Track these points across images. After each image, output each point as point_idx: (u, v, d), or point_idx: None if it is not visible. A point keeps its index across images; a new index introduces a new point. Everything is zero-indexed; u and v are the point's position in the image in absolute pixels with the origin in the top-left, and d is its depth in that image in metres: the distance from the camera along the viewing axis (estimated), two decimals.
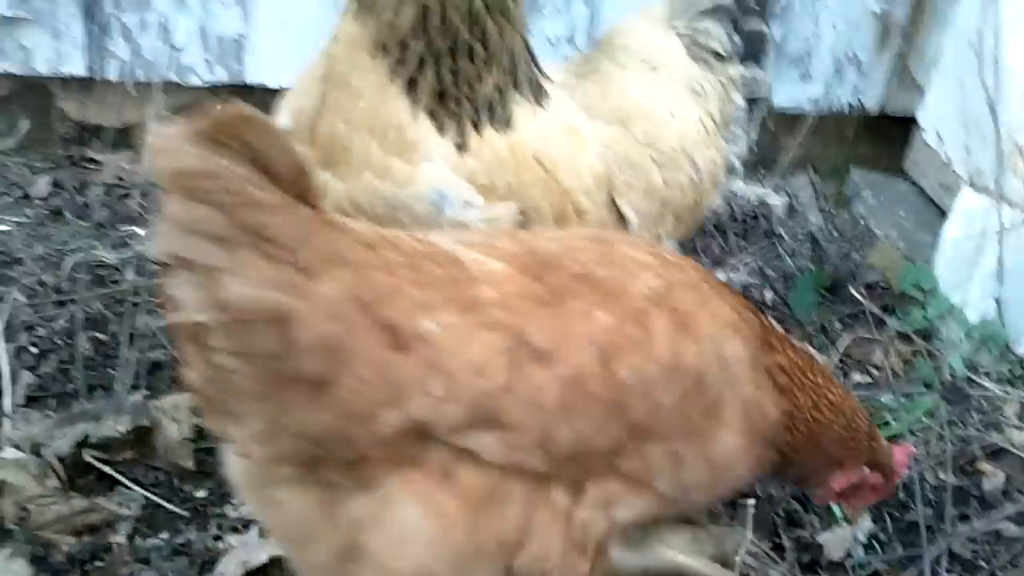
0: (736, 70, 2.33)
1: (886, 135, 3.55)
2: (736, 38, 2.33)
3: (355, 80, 2.02)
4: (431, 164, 2.02)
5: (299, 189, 1.35)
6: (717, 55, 2.32)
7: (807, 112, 3.34)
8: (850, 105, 3.50)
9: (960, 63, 3.11)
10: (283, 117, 2.19)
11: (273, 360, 1.36)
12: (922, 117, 3.34)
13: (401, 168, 2.02)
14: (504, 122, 2.06)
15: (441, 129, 2.01)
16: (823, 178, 3.54)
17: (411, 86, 1.99)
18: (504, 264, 1.52)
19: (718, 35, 2.32)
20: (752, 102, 2.36)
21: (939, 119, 3.26)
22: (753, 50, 2.34)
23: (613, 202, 2.19)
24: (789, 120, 3.35)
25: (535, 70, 2.13)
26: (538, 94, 2.12)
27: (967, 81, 3.07)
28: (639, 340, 1.53)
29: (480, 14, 1.98)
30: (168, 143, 1.29)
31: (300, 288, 1.35)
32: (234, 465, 1.54)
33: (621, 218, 2.21)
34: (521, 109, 2.08)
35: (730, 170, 2.36)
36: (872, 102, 3.52)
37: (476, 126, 2.03)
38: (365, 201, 2.05)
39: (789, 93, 3.38)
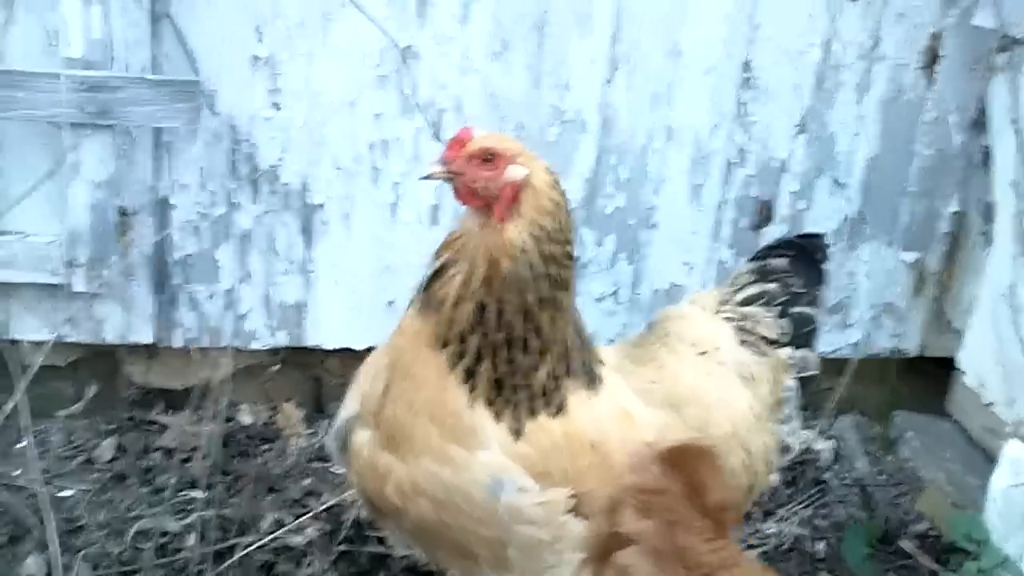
0: (785, 352, 2.42)
1: (927, 377, 3.60)
2: (784, 322, 2.43)
3: (418, 370, 2.14)
4: (487, 451, 2.10)
5: (721, 522, 1.55)
6: (766, 340, 2.41)
7: (848, 357, 3.41)
8: (890, 350, 3.57)
9: (995, 312, 3.20)
10: (352, 401, 2.31)
11: None
12: (962, 360, 3.40)
13: (459, 454, 2.11)
14: (558, 408, 2.15)
15: (498, 416, 2.11)
16: (867, 421, 3.58)
17: (469, 376, 2.10)
18: None
19: (765, 320, 2.43)
20: (803, 381, 2.43)
21: (979, 363, 3.32)
22: (801, 332, 2.44)
23: None
24: (831, 365, 3.40)
25: (588, 356, 2.23)
26: (592, 379, 2.21)
27: (1003, 331, 3.15)
28: None
29: (533, 309, 2.10)
30: (639, 462, 1.55)
31: None
32: None
33: None
34: (575, 395, 2.18)
35: (784, 450, 2.41)
36: (911, 345, 3.59)
37: (532, 412, 2.12)
38: (425, 484, 2.14)
39: (829, 339, 3.46)
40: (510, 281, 2.08)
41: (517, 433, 2.12)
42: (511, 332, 2.10)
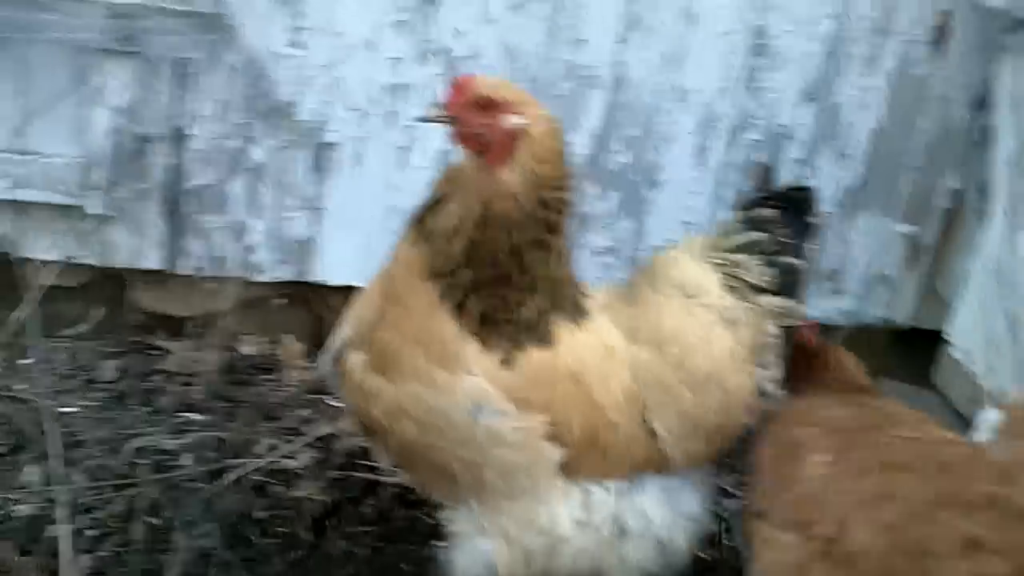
0: (769, 300, 2.46)
1: (916, 348, 3.66)
2: (770, 270, 2.47)
3: (409, 299, 2.23)
4: (471, 376, 2.19)
5: None
6: (751, 286, 2.47)
7: (839, 324, 3.47)
8: (880, 319, 3.64)
9: (985, 286, 3.26)
10: (348, 325, 2.39)
11: None
12: (950, 333, 3.47)
13: (442, 378, 2.20)
14: (544, 340, 2.23)
15: (486, 345, 2.19)
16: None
17: (459, 309, 2.18)
18: None
19: (752, 268, 2.47)
20: (786, 329, 2.49)
21: (966, 336, 3.39)
22: (787, 282, 2.48)
23: (645, 420, 2.34)
24: (821, 331, 3.47)
25: (576, 293, 2.31)
26: (579, 314, 2.30)
27: (990, 305, 3.22)
28: None
29: (523, 250, 2.19)
30: None
31: None
32: None
33: (653, 435, 2.35)
34: (561, 328, 2.26)
35: (763, 394, 2.48)
36: (901, 316, 3.65)
37: (518, 345, 2.21)
38: (409, 406, 2.24)
39: (822, 306, 3.52)
40: (502, 223, 2.15)
41: (504, 363, 2.20)
42: (500, 270, 2.18)
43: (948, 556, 1.98)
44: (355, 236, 3.27)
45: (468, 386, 2.19)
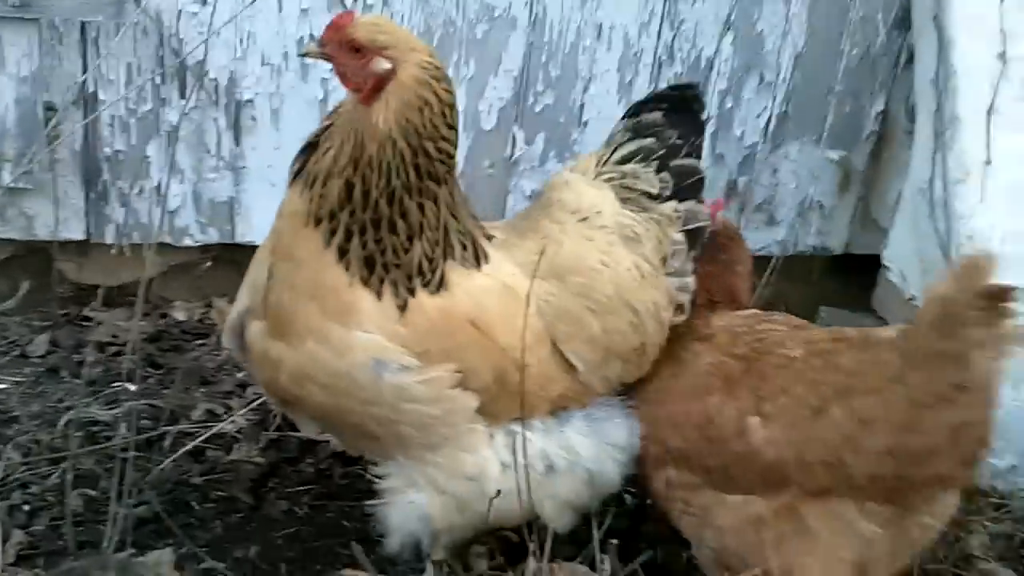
0: (669, 206, 2.41)
1: (853, 274, 3.68)
2: (664, 175, 2.41)
3: (296, 250, 2.17)
4: (366, 333, 2.14)
5: None
6: (648, 195, 2.41)
7: (774, 254, 3.47)
8: (815, 247, 3.64)
9: (916, 208, 3.27)
10: (243, 294, 2.33)
11: None
12: (886, 257, 3.48)
13: (338, 334, 2.14)
14: (436, 286, 2.18)
15: (378, 295, 2.14)
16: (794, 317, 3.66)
17: (342, 254, 2.13)
18: None
19: (645, 176, 2.41)
20: (692, 232, 2.42)
21: (901, 259, 3.40)
22: (684, 184, 2.41)
23: (559, 353, 2.31)
24: (758, 262, 3.46)
25: (473, 238, 2.25)
26: (476, 257, 2.24)
27: (923, 227, 3.22)
28: None
29: (400, 194, 2.13)
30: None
31: None
32: None
33: (571, 368, 2.32)
34: (456, 273, 2.20)
35: (678, 307, 2.44)
36: (836, 243, 3.66)
37: (410, 291, 2.15)
38: (311, 369, 2.18)
39: (756, 237, 3.52)
40: (374, 164, 2.10)
41: (401, 309, 2.15)
42: (377, 213, 2.12)
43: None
44: (279, 194, 3.20)
45: (365, 343, 2.13)
